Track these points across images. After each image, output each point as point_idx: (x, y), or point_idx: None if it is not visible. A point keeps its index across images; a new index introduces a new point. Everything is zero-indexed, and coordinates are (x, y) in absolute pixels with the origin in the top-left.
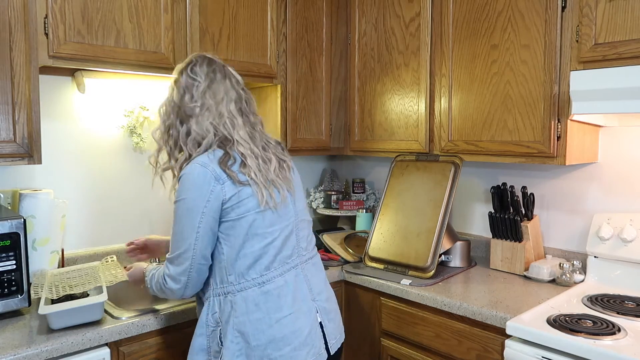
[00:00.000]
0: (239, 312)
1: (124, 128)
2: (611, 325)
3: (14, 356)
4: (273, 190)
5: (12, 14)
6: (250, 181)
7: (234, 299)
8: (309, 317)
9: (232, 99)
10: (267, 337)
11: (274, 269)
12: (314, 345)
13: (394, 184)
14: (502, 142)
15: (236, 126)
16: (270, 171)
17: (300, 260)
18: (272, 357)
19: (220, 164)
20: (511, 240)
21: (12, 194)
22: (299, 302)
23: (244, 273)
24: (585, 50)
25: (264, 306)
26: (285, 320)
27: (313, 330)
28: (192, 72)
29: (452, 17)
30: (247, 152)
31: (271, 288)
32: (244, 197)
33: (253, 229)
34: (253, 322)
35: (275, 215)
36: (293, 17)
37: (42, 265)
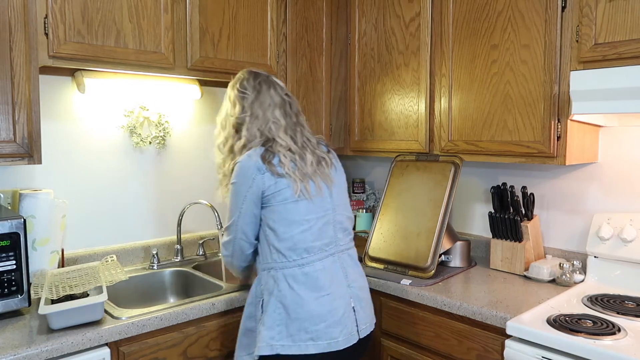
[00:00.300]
0: (281, 287)
1: (124, 128)
2: (611, 325)
3: (14, 356)
4: (308, 183)
5: (12, 14)
6: (286, 174)
7: (277, 275)
8: (344, 300)
9: (277, 105)
10: (305, 312)
11: (313, 253)
12: (346, 325)
13: (394, 184)
14: (502, 142)
15: (279, 128)
16: (306, 166)
17: (337, 250)
18: (309, 330)
19: (262, 158)
20: (511, 240)
21: (12, 194)
22: (335, 286)
23: (285, 254)
24: (585, 50)
25: (303, 285)
26: (322, 300)
27: (347, 313)
28: (242, 86)
29: (452, 17)
30: (284, 150)
31: (310, 270)
32: (281, 188)
33: (291, 215)
34: (294, 297)
35: (311, 205)
36: (293, 17)
37: (42, 265)
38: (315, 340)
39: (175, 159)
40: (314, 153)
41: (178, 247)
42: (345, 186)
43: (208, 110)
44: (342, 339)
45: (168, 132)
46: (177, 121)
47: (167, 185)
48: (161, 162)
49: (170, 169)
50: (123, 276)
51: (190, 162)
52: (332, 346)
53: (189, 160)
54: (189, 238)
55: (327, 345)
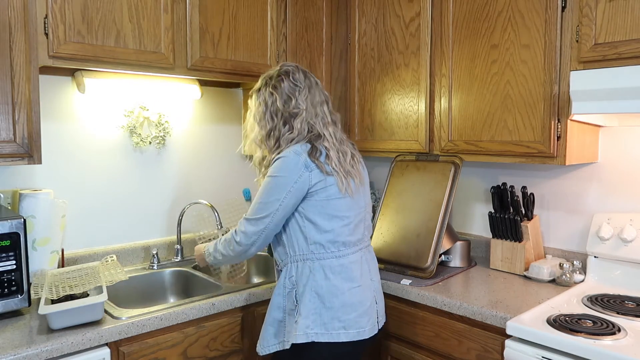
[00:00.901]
0: (317, 277)
1: (124, 128)
2: (611, 325)
3: (14, 356)
4: (350, 180)
5: (12, 14)
6: (334, 171)
7: (313, 265)
8: (370, 292)
9: (325, 101)
10: (340, 301)
11: (349, 246)
12: (371, 316)
13: (394, 184)
14: (502, 142)
15: (326, 124)
16: (347, 163)
17: (364, 245)
18: (342, 319)
19: (310, 155)
20: (511, 240)
21: (12, 194)
22: (364, 278)
23: (325, 245)
24: (585, 50)
25: (339, 275)
26: (355, 290)
27: (372, 304)
28: (294, 79)
29: (452, 17)
30: (330, 146)
31: (346, 262)
32: (329, 184)
33: (335, 211)
34: (330, 287)
35: (352, 201)
36: (293, 17)
37: (42, 265)
38: (347, 329)
39: (175, 159)
40: (350, 150)
41: (178, 247)
42: (369, 183)
43: (208, 110)
44: (368, 328)
45: (168, 132)
46: (177, 121)
47: (167, 185)
48: (161, 162)
49: (170, 169)
50: (123, 276)
51: (190, 162)
52: (360, 335)
53: (189, 160)
54: (189, 238)
55: (356, 334)
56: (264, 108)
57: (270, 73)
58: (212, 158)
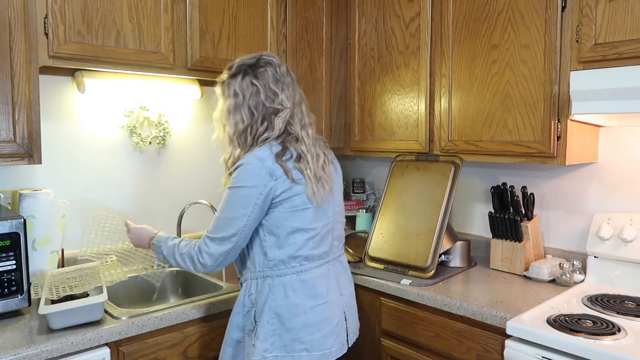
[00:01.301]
0: (277, 296)
1: (124, 128)
2: (611, 325)
3: (14, 356)
4: (320, 186)
5: (12, 14)
6: (304, 177)
7: (273, 283)
8: (338, 308)
9: (302, 101)
10: (301, 321)
11: (313, 261)
12: (339, 334)
13: (394, 184)
14: (502, 142)
15: (305, 125)
16: (319, 167)
17: (333, 257)
18: (304, 341)
19: (277, 158)
20: (511, 240)
21: (12, 194)
22: (331, 294)
23: (285, 261)
24: (585, 50)
25: (301, 293)
26: (318, 309)
27: (340, 322)
28: (280, 73)
29: (452, 17)
30: (305, 149)
31: (308, 277)
32: (294, 194)
33: (298, 223)
34: (290, 307)
35: (319, 212)
36: (293, 17)
37: (42, 265)
38: (310, 350)
39: (175, 159)
40: (322, 152)
41: None
42: (342, 187)
43: (208, 110)
44: (335, 349)
45: (168, 132)
46: (177, 121)
47: (167, 185)
48: (161, 162)
49: (170, 169)
50: (123, 276)
51: (190, 162)
52: (325, 357)
53: (189, 160)
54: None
55: (320, 356)
56: (241, 99)
57: (247, 61)
58: (212, 158)
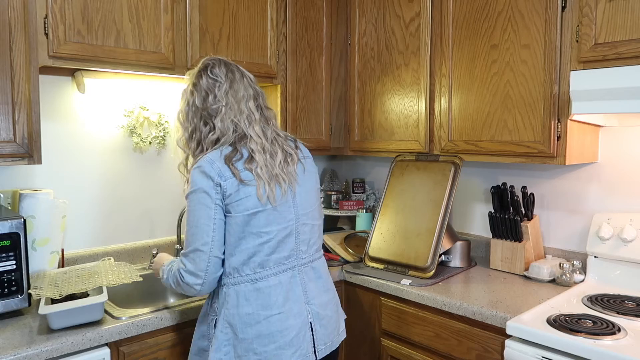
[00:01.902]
0: (230, 305)
1: (124, 128)
2: (611, 325)
3: (14, 356)
4: (275, 186)
5: (12, 14)
6: (255, 177)
7: (228, 291)
8: (299, 319)
9: (251, 96)
10: (254, 331)
11: (269, 268)
12: (300, 347)
13: (394, 184)
14: (502, 142)
15: (252, 122)
16: (275, 165)
17: (299, 263)
18: (257, 352)
19: (226, 160)
20: (511, 240)
21: (12, 194)
22: (291, 303)
23: (238, 268)
24: (585, 50)
25: (254, 302)
26: (273, 319)
27: (302, 333)
28: (212, 73)
29: (452, 17)
30: (257, 148)
31: (263, 286)
32: (242, 196)
33: (249, 227)
34: (242, 316)
35: (274, 214)
36: (293, 17)
37: (42, 266)
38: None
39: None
40: (282, 149)
41: (178, 247)
42: (315, 188)
43: None
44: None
45: (168, 132)
46: None
47: (167, 185)
48: (161, 162)
49: (170, 169)
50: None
51: None
52: None
53: None
54: None
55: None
56: (186, 108)
57: (193, 70)
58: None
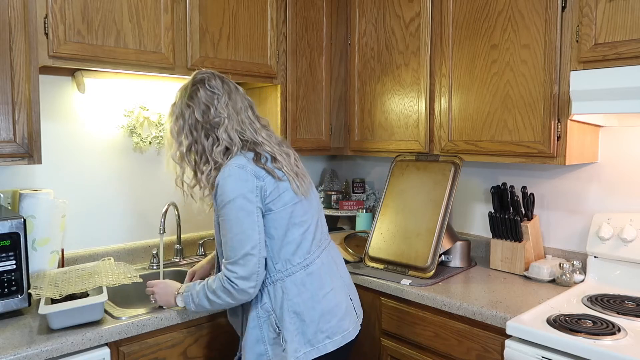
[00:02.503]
0: (291, 295)
1: (124, 128)
2: (611, 325)
3: (14, 356)
4: (300, 181)
5: (12, 14)
6: (285, 175)
7: (284, 285)
8: (343, 291)
9: (248, 107)
10: (318, 312)
11: (313, 252)
12: (351, 315)
13: (394, 184)
14: (502, 142)
15: (257, 130)
16: (292, 164)
17: (326, 244)
18: (324, 329)
19: (257, 163)
20: (511, 240)
21: (12, 194)
22: (335, 280)
23: (290, 259)
24: (585, 50)
25: (311, 286)
26: (329, 295)
27: (348, 303)
28: (210, 86)
29: (452, 17)
30: (272, 150)
31: (314, 269)
32: (282, 191)
33: (292, 218)
34: (305, 301)
35: (307, 204)
36: (293, 17)
37: (42, 265)
38: (331, 337)
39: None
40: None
41: (178, 247)
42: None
43: None
44: (351, 328)
45: None
46: None
47: (167, 185)
48: (161, 162)
49: None
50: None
51: None
52: (346, 338)
53: None
54: (189, 238)
55: (341, 339)
56: (182, 122)
57: (185, 84)
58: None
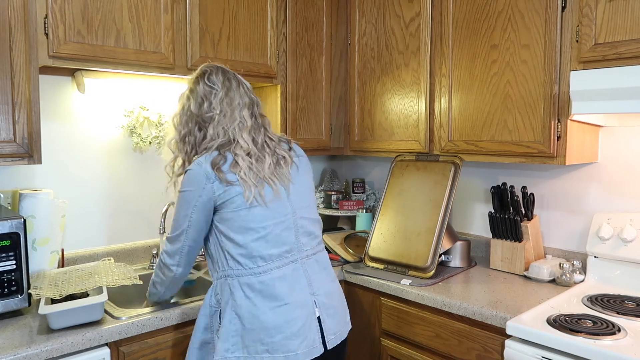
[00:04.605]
0: (237, 296)
1: (124, 128)
2: (611, 325)
3: (14, 356)
4: (264, 188)
5: (12, 14)
6: (239, 180)
7: (232, 283)
8: (305, 310)
9: (246, 105)
10: (260, 323)
11: (271, 261)
12: (307, 337)
13: (394, 184)
14: (502, 142)
15: (243, 129)
16: (264, 169)
17: (301, 256)
18: (265, 342)
19: (212, 165)
20: (511, 240)
21: (12, 194)
22: (296, 295)
23: (241, 262)
24: (585, 50)
25: (259, 294)
26: (279, 310)
27: (308, 323)
28: (210, 81)
29: (452, 17)
30: (241, 153)
31: (267, 279)
32: (233, 195)
33: (245, 223)
34: (249, 307)
35: (267, 211)
36: (293, 17)
37: (42, 265)
38: (272, 352)
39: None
40: (274, 153)
41: None
42: (309, 185)
43: None
44: (301, 351)
45: (168, 132)
46: None
47: None
48: (161, 162)
49: None
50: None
51: None
52: (289, 359)
53: None
54: None
55: (284, 358)
56: (181, 112)
57: (192, 75)
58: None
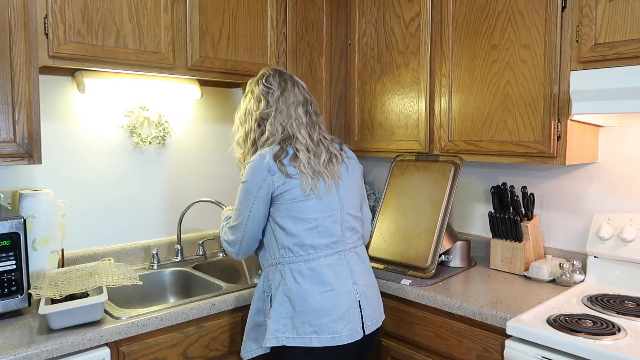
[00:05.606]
0: (287, 281)
1: (124, 128)
2: (611, 325)
3: (14, 356)
4: (319, 181)
5: (12, 14)
6: (299, 172)
7: (284, 270)
8: (349, 296)
9: (300, 103)
10: (309, 305)
11: (320, 250)
12: (350, 321)
13: (394, 184)
14: (502, 142)
15: (300, 125)
16: (319, 163)
17: (344, 248)
18: (313, 324)
19: (274, 158)
20: (511, 240)
21: (12, 194)
22: (340, 282)
23: (292, 249)
24: (585, 50)
25: (309, 280)
26: (326, 295)
27: (351, 309)
28: (267, 82)
29: (452, 17)
30: (301, 147)
31: (316, 265)
32: (291, 187)
33: (299, 213)
34: (299, 291)
35: (320, 203)
36: (293, 17)
37: (42, 265)
38: (319, 334)
39: (176, 159)
40: (327, 150)
41: (178, 247)
42: (357, 185)
43: (208, 110)
44: (345, 334)
45: (168, 132)
46: (177, 121)
47: (167, 185)
48: (161, 162)
49: (170, 169)
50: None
51: (190, 162)
52: (335, 340)
53: (189, 160)
54: (189, 238)
55: (330, 340)
56: (243, 111)
57: (253, 78)
58: (212, 158)
